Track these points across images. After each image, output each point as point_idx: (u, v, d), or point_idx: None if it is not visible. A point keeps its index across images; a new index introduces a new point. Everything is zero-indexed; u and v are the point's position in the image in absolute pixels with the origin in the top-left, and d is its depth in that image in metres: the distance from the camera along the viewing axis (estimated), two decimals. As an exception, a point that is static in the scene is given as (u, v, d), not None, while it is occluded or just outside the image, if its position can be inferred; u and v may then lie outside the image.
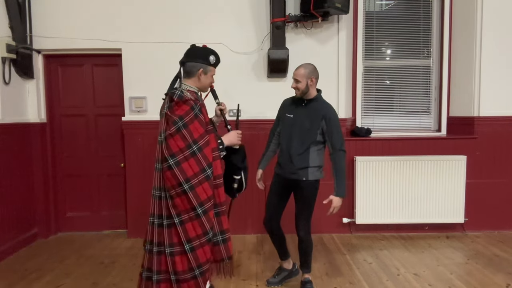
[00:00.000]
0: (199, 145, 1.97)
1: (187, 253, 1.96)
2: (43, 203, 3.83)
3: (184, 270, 1.97)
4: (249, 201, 3.76)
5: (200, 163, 1.97)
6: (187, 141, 1.95)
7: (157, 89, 3.73)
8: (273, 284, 2.74)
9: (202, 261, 1.99)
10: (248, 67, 3.77)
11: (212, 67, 2.19)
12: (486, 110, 3.77)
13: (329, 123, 2.44)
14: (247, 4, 3.73)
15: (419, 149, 3.82)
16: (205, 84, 2.19)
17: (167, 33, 3.68)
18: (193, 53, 2.16)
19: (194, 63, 2.12)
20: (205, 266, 2.00)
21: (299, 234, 2.59)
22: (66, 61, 3.90)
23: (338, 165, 2.45)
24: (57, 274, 3.03)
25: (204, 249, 1.99)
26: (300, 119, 2.51)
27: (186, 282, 1.97)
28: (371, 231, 3.87)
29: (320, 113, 2.46)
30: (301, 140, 2.48)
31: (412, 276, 2.90)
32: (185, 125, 1.97)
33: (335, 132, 2.45)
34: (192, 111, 2.01)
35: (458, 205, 3.74)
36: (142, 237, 3.78)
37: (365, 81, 4.08)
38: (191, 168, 1.94)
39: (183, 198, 1.96)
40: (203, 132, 2.01)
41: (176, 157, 1.94)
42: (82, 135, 3.97)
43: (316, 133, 2.46)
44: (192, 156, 1.95)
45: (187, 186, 1.94)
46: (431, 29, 4.08)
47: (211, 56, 2.16)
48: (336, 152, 2.45)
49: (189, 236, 1.97)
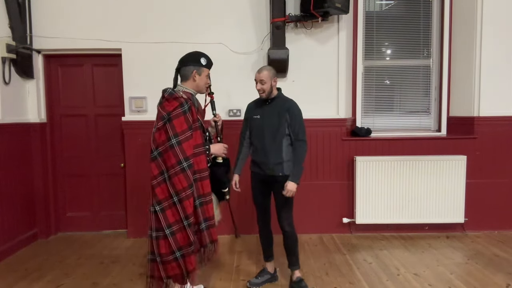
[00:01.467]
0: (179, 139, 2.16)
1: (168, 237, 2.18)
2: (43, 203, 3.83)
3: (166, 253, 2.19)
4: (249, 202, 3.75)
5: (177, 155, 2.16)
6: (168, 135, 2.16)
7: (157, 89, 3.68)
8: (255, 285, 2.77)
9: (182, 244, 2.19)
10: (248, 67, 3.77)
11: (205, 68, 2.40)
12: (486, 110, 3.77)
13: (292, 114, 2.57)
14: (247, 4, 3.73)
15: (419, 149, 3.82)
16: (201, 84, 2.40)
17: (167, 33, 3.68)
18: (186, 58, 2.39)
19: (188, 67, 2.35)
20: (184, 249, 2.21)
21: (282, 228, 2.67)
22: (66, 61, 3.90)
23: (298, 154, 2.56)
24: (57, 274, 3.03)
25: (183, 233, 2.19)
26: (267, 117, 2.63)
27: (169, 263, 2.20)
28: (371, 231, 3.87)
29: (284, 107, 2.60)
30: (273, 136, 2.59)
31: (412, 276, 2.90)
32: (169, 119, 2.18)
33: (297, 123, 2.57)
34: (181, 107, 2.21)
35: (458, 205, 3.74)
36: (142, 237, 3.81)
37: (365, 81, 4.08)
38: (169, 160, 2.16)
39: (163, 187, 2.19)
40: (186, 128, 2.19)
41: (159, 149, 2.18)
42: (82, 135, 3.97)
43: (285, 126, 2.59)
44: (171, 149, 2.16)
45: (166, 175, 2.18)
46: (431, 29, 4.08)
47: (202, 59, 2.38)
48: (298, 142, 2.57)
49: (169, 221, 2.18)
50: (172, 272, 2.23)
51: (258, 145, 2.66)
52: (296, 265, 2.75)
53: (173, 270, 2.23)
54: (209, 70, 2.44)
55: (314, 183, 3.82)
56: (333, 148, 3.83)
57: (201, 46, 3.44)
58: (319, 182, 3.84)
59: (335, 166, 3.85)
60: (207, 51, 2.66)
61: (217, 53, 3.65)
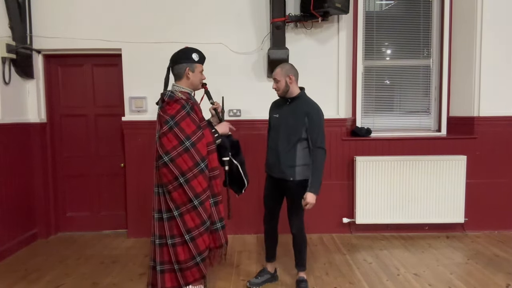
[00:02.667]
0: (192, 141, 2.11)
1: (188, 243, 2.12)
2: (43, 203, 3.83)
3: (186, 259, 2.14)
4: (249, 202, 3.76)
5: (193, 157, 2.11)
6: (180, 138, 2.10)
7: (157, 89, 3.70)
8: (255, 285, 2.75)
9: (202, 248, 2.16)
10: (248, 67, 3.77)
11: (198, 63, 2.30)
12: (486, 110, 3.77)
13: (311, 120, 2.46)
14: (247, 4, 3.73)
15: (419, 149, 3.82)
16: (195, 81, 2.32)
17: (167, 33, 3.68)
18: (177, 55, 2.30)
19: (180, 65, 2.27)
20: (204, 253, 2.18)
21: (292, 231, 2.64)
22: (66, 61, 3.90)
23: (316, 162, 2.45)
24: (57, 274, 3.03)
25: (203, 237, 2.16)
26: (285, 117, 2.55)
27: (189, 269, 2.15)
28: (371, 231, 3.87)
29: (304, 110, 2.49)
30: (287, 137, 2.51)
31: (412, 276, 2.90)
32: (176, 123, 2.13)
33: (316, 129, 2.46)
34: (183, 109, 2.16)
35: (458, 205, 3.74)
36: (142, 237, 3.81)
37: (365, 81, 4.08)
38: (185, 163, 2.09)
39: (180, 191, 2.11)
40: (195, 128, 2.15)
41: (170, 154, 2.09)
42: (82, 135, 3.97)
43: (301, 130, 2.48)
44: (186, 151, 2.10)
45: (182, 179, 2.09)
46: (431, 29, 4.08)
47: (194, 54, 2.29)
48: (316, 150, 2.46)
49: (188, 226, 2.13)
50: (192, 277, 2.18)
51: (272, 145, 2.61)
52: (301, 267, 2.73)
53: (193, 276, 2.18)
54: (202, 66, 2.35)
55: (314, 183, 3.82)
56: (333, 148, 3.83)
57: (201, 46, 3.43)
58: (319, 182, 3.84)
59: (335, 166, 3.85)
60: (207, 51, 2.66)
61: (217, 53, 3.67)
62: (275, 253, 2.84)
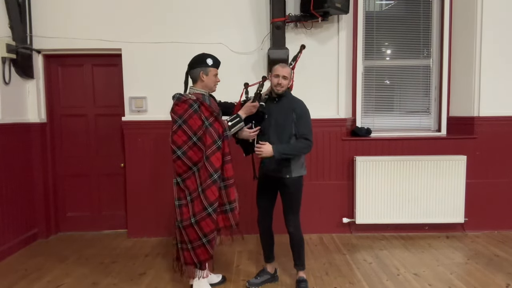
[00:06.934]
0: (198, 136, 2.42)
1: (193, 225, 2.42)
2: (43, 203, 3.83)
3: (195, 239, 2.45)
4: (249, 202, 3.75)
5: (200, 150, 2.43)
6: (188, 134, 2.41)
7: (157, 89, 3.74)
8: (254, 285, 2.75)
9: (206, 231, 2.43)
10: (248, 67, 3.77)
11: (212, 67, 2.53)
12: (486, 110, 3.77)
13: (298, 115, 2.54)
14: (247, 4, 3.73)
15: (419, 149, 3.82)
16: (209, 83, 2.56)
17: (167, 33, 3.68)
18: (193, 61, 2.57)
19: (195, 69, 2.53)
20: (210, 235, 2.45)
21: (289, 230, 2.65)
22: (66, 61, 3.90)
23: (297, 143, 2.51)
24: (57, 274, 3.03)
25: (206, 221, 2.42)
26: (274, 115, 2.59)
27: (199, 248, 2.46)
28: (371, 231, 3.87)
29: (290, 106, 2.57)
30: (278, 135, 2.55)
31: (412, 276, 2.90)
32: (184, 121, 2.42)
33: (302, 123, 2.53)
34: (190, 108, 2.42)
35: (458, 205, 3.74)
36: (142, 237, 3.81)
37: (365, 81, 4.08)
38: (196, 154, 2.43)
39: (192, 179, 2.45)
40: (201, 124, 2.42)
41: (182, 148, 2.42)
42: (82, 135, 3.97)
43: (291, 126, 2.54)
44: (195, 145, 2.42)
45: (195, 168, 2.44)
46: (431, 29, 4.08)
47: (208, 59, 2.54)
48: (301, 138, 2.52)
49: (195, 211, 2.43)
50: (203, 256, 2.48)
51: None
52: (300, 266, 2.74)
53: (203, 255, 2.47)
54: (217, 69, 2.58)
55: (314, 183, 3.82)
56: (333, 148, 3.83)
57: (201, 46, 3.46)
58: (319, 182, 3.84)
59: (335, 166, 3.85)
60: (207, 51, 2.67)
61: (217, 53, 3.60)
62: (273, 253, 2.85)
